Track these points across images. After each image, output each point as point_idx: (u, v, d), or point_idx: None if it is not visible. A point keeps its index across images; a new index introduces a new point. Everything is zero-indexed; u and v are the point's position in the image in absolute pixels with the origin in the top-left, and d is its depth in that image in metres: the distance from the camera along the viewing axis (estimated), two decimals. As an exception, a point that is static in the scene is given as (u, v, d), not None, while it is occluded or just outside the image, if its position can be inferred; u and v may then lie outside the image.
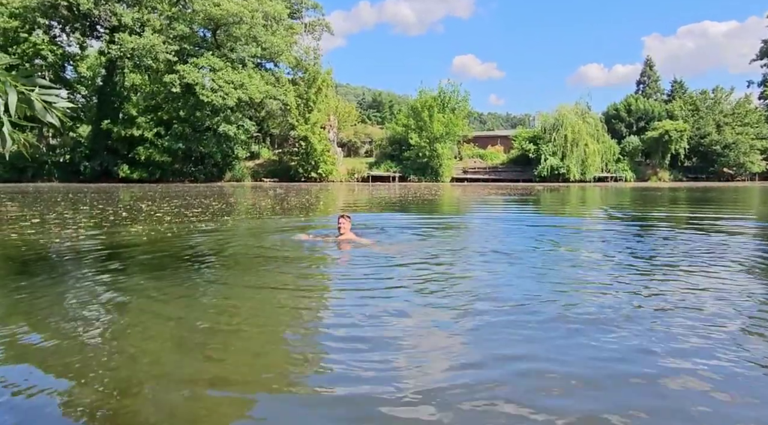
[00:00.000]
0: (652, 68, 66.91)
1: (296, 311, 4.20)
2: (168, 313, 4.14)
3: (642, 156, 57.73)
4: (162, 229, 9.74)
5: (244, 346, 3.38)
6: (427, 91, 52.01)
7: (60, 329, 3.76)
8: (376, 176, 50.33)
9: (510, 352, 3.25)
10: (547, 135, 51.73)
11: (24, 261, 6.51)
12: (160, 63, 41.45)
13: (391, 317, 3.94)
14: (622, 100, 60.41)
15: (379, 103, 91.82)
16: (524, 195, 25.68)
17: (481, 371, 2.95)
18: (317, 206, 18.40)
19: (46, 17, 41.74)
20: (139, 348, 3.38)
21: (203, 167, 45.11)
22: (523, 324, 3.79)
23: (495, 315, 3.99)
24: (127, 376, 2.92)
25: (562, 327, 3.72)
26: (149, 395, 2.72)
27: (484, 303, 4.31)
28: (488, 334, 3.58)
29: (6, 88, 3.56)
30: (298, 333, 3.71)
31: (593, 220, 13.14)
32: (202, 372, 2.99)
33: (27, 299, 4.61)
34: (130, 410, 2.56)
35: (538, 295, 4.63)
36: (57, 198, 19.79)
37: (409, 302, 4.37)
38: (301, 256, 6.74)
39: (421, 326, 3.79)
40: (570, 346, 3.34)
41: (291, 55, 47.26)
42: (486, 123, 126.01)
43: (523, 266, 6.12)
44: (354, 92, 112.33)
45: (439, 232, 9.94)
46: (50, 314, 4.12)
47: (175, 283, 5.17)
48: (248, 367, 3.07)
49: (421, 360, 3.11)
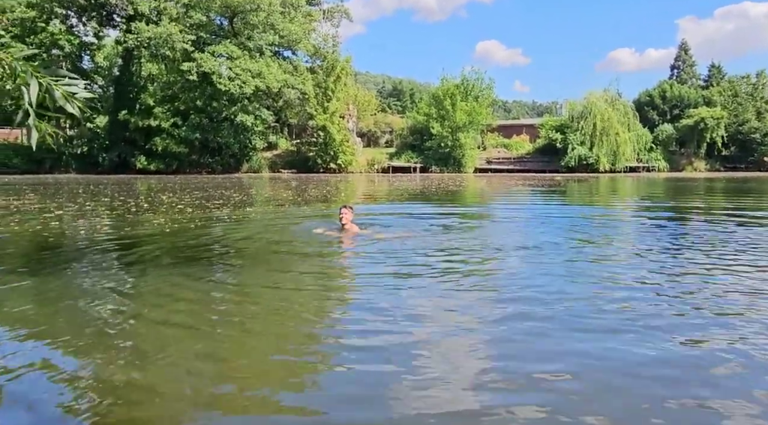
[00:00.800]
0: (687, 52, 65.47)
1: (310, 304, 4.28)
2: (187, 303, 4.27)
3: (676, 145, 56.68)
4: (185, 221, 9.99)
5: (257, 343, 3.43)
6: (449, 79, 51.78)
7: (80, 318, 3.91)
8: (396, 166, 50.36)
9: (536, 351, 3.18)
10: (575, 123, 51.11)
11: (50, 252, 6.78)
12: (176, 52, 41.98)
13: (405, 313, 3.95)
14: (656, 87, 59.32)
15: (399, 92, 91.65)
16: (551, 186, 25.50)
17: (504, 374, 2.89)
18: (338, 196, 18.58)
19: (62, 7, 42.56)
20: (157, 337, 3.51)
21: (220, 158, 45.66)
22: (551, 321, 3.73)
23: (521, 312, 3.94)
24: (143, 365, 3.03)
25: (591, 324, 3.65)
26: (164, 383, 2.81)
27: (511, 300, 4.28)
28: (513, 333, 3.52)
29: (28, 79, 3.71)
30: (313, 326, 3.79)
31: (625, 211, 13.05)
32: (215, 362, 3.09)
33: (53, 289, 4.81)
34: (144, 399, 2.65)
35: (566, 291, 4.60)
36: (78, 190, 20.35)
37: (424, 297, 4.40)
38: (312, 250, 6.81)
39: (441, 323, 3.77)
40: (597, 348, 3.24)
41: (309, 43, 47.41)
42: (511, 111, 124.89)
43: (548, 259, 6.16)
44: (374, 81, 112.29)
45: (461, 224, 10.01)
46: (72, 305, 4.28)
47: (197, 274, 5.33)
48: (262, 360, 3.16)
49: (444, 360, 3.07)
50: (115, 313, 3.98)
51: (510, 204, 15.24)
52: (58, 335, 3.54)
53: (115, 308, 4.10)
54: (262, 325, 3.79)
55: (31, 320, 3.93)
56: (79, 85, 3.96)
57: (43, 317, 4.03)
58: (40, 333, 3.61)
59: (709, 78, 63.21)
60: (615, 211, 13.36)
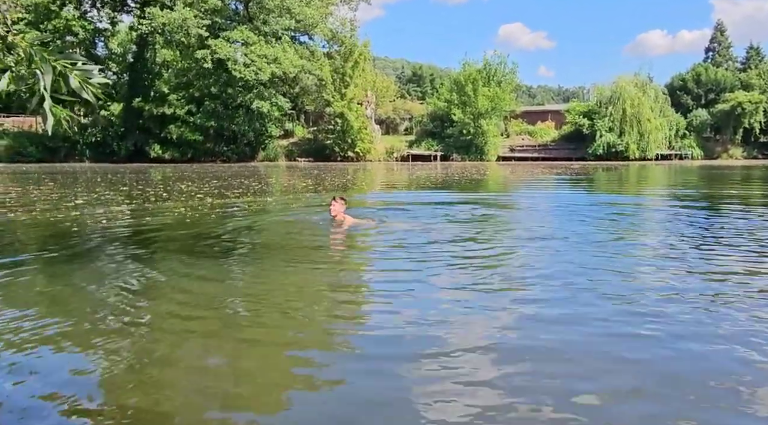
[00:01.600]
0: (723, 34, 64.03)
1: (320, 301, 4.30)
2: (205, 298, 4.35)
3: (711, 131, 55.67)
4: (205, 210, 10.22)
5: (270, 341, 3.46)
6: (471, 64, 51.43)
7: (97, 311, 3.99)
8: (416, 154, 50.33)
9: (556, 351, 3.10)
10: (603, 109, 50.47)
11: (71, 242, 6.99)
12: (191, 38, 42.35)
13: (422, 310, 3.91)
14: (689, 70, 58.22)
15: (419, 77, 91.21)
16: (578, 175, 25.32)
17: (524, 374, 2.84)
18: (358, 185, 18.73)
19: (76, -8, 43.17)
20: (170, 332, 3.59)
21: (235, 146, 46.12)
22: (573, 319, 3.67)
23: (543, 308, 3.89)
24: (159, 356, 3.12)
25: (618, 326, 3.56)
26: (175, 380, 2.86)
27: (533, 295, 4.24)
28: (534, 332, 3.46)
29: (42, 65, 3.82)
30: (324, 323, 3.79)
31: (656, 200, 12.96)
32: (227, 359, 3.14)
33: (72, 280, 4.95)
34: (160, 391, 2.73)
35: (590, 285, 4.55)
36: (96, 179, 20.80)
37: (434, 292, 4.37)
38: (303, 243, 6.81)
39: (456, 318, 3.73)
40: (624, 349, 3.14)
41: (326, 28, 47.43)
42: (535, 97, 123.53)
43: (570, 251, 6.16)
44: (393, 66, 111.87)
45: (482, 213, 10.06)
46: (89, 296, 4.39)
47: (215, 266, 5.44)
48: (276, 359, 3.18)
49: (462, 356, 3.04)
50: (131, 306, 4.08)
51: (534, 193, 15.22)
52: (71, 327, 3.64)
53: (131, 301, 4.20)
54: (274, 322, 3.79)
55: (47, 310, 4.04)
56: (94, 70, 4.06)
57: (59, 307, 4.14)
58: (55, 323, 3.71)
59: (747, 60, 61.78)
60: (647, 199, 13.27)
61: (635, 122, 49.60)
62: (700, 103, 55.90)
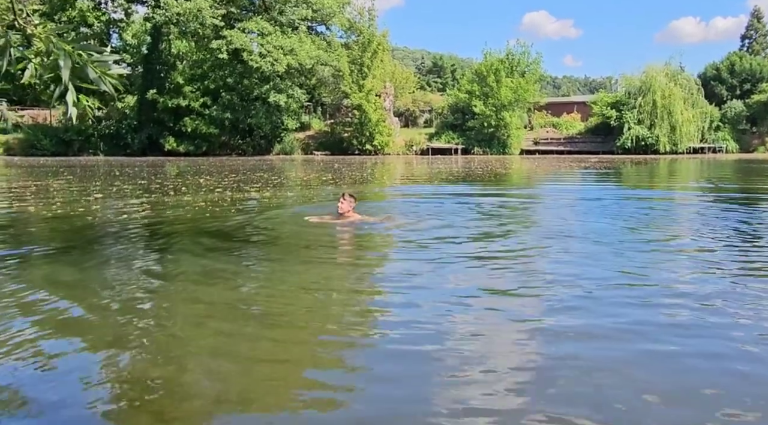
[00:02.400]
0: (760, 20, 62.68)
1: (333, 299, 4.37)
2: (221, 294, 4.45)
3: (746, 123, 54.60)
4: (225, 204, 10.42)
5: (285, 339, 3.53)
6: (493, 54, 51.10)
7: (113, 305, 4.13)
8: (436, 148, 50.23)
9: (583, 355, 3.08)
10: (632, 100, 49.83)
11: (92, 235, 7.24)
12: (206, 28, 42.74)
13: (439, 308, 3.95)
14: (724, 59, 57.10)
15: (439, 68, 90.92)
16: (606, 169, 25.12)
17: (548, 378, 2.83)
18: (379, 179, 18.84)
19: (91, -18, 43.84)
20: (186, 328, 3.69)
21: (251, 139, 46.49)
22: (598, 320, 3.65)
23: (567, 311, 3.85)
24: (176, 351, 3.22)
25: (647, 329, 3.50)
26: (189, 377, 2.93)
27: (558, 296, 4.20)
28: (559, 332, 3.44)
29: (61, 56, 3.94)
30: (339, 321, 3.86)
31: (689, 195, 12.87)
32: (250, 348, 3.25)
33: (92, 273, 5.12)
34: (177, 386, 2.81)
35: (617, 285, 4.55)
36: (114, 172, 21.22)
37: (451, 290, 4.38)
38: (315, 241, 6.76)
39: (474, 321, 3.76)
40: (656, 354, 3.12)
41: (344, 17, 47.52)
42: (560, 88, 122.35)
43: (597, 248, 6.20)
44: (412, 56, 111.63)
45: (504, 209, 10.11)
46: (107, 291, 4.52)
47: (234, 262, 5.58)
48: (293, 358, 3.24)
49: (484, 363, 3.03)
50: (147, 301, 4.21)
51: (560, 187, 15.18)
52: (87, 320, 3.79)
53: (148, 297, 4.32)
54: (291, 320, 3.85)
55: (64, 304, 4.14)
56: (110, 60, 4.18)
57: (76, 301, 4.24)
58: (72, 318, 3.84)
59: (786, 49, 60.47)
60: (681, 194, 13.18)
61: (666, 114, 48.89)
62: (735, 93, 54.87)
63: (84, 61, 4.08)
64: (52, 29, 4.19)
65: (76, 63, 4.03)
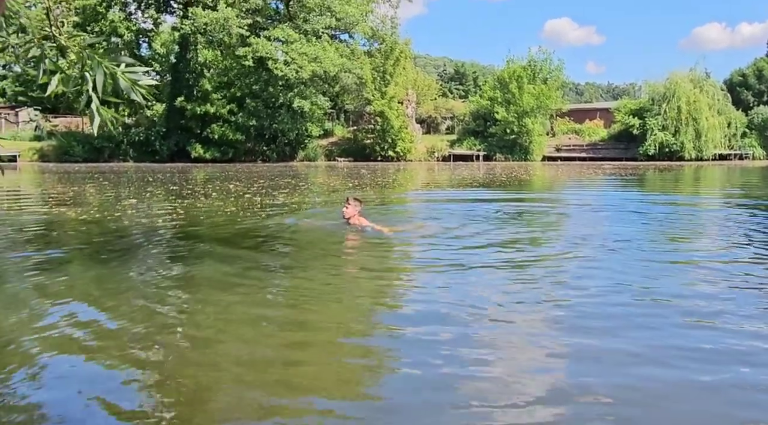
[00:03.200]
0: (789, 25, 61.47)
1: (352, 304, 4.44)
2: (250, 299, 4.58)
3: (774, 130, 53.58)
4: (256, 209, 10.69)
5: (316, 335, 3.64)
6: (515, 61, 51.01)
7: (144, 308, 4.29)
8: (457, 154, 50.25)
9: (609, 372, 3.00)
10: (656, 107, 49.27)
11: (128, 239, 7.52)
12: (232, 37, 43.48)
13: (459, 313, 3.97)
14: (750, 65, 56.26)
15: (461, 75, 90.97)
16: (631, 175, 24.94)
17: (571, 388, 2.82)
18: (405, 185, 19.01)
19: (122, -6, 44.99)
20: (212, 328, 3.84)
21: (275, 146, 47.05)
22: (622, 330, 3.61)
23: (588, 321, 3.84)
24: (200, 358, 3.28)
25: (669, 340, 3.45)
26: (215, 383, 2.98)
27: (581, 308, 4.15)
28: (581, 342, 3.41)
29: (94, 68, 4.11)
30: (361, 329, 3.92)
31: (716, 201, 12.79)
32: (276, 354, 3.32)
33: (124, 278, 5.32)
34: (201, 392, 2.86)
35: (641, 292, 4.53)
36: (147, 178, 21.74)
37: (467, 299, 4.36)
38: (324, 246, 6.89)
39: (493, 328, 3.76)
40: (676, 368, 3.03)
41: (367, 26, 47.91)
42: (583, 94, 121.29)
43: (621, 256, 6.24)
44: (434, 64, 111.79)
45: (527, 214, 10.19)
46: (140, 294, 4.69)
47: (263, 266, 5.78)
48: (313, 368, 3.27)
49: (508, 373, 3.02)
50: (177, 306, 4.36)
51: (585, 193, 15.18)
52: (118, 323, 3.93)
53: (178, 302, 4.48)
54: (311, 327, 3.89)
55: (96, 306, 4.30)
56: (141, 72, 4.35)
57: (110, 302, 4.43)
58: (103, 320, 4.00)
59: (815, 54, 59.21)
60: (713, 199, 13.11)
61: (691, 120, 48.23)
62: (762, 99, 53.93)
63: (114, 72, 4.21)
64: (84, 40, 4.33)
65: (108, 76, 4.18)
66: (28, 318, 4.09)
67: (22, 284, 5.06)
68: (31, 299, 4.56)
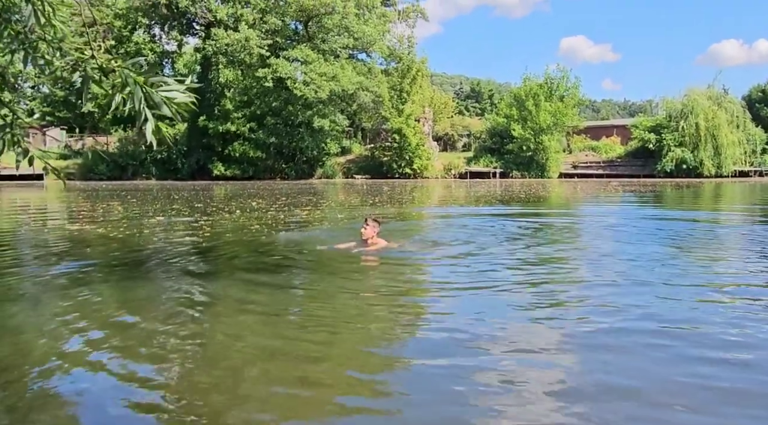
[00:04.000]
0: (807, 41, 60.99)
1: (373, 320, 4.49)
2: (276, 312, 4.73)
3: (795, 146, 52.95)
4: (281, 226, 10.89)
5: (333, 352, 3.69)
6: (532, 79, 51.20)
7: (172, 317, 4.47)
8: (474, 171, 50.33)
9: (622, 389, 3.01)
10: (674, 124, 48.99)
11: (157, 256, 7.63)
12: (253, 58, 44.31)
13: (478, 330, 4.03)
14: (769, 81, 55.74)
15: (477, 94, 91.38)
16: (649, 193, 24.79)
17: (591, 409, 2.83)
18: (425, 202, 19.12)
19: (147, 17, 46.16)
20: (237, 334, 3.97)
21: (294, 163, 47.61)
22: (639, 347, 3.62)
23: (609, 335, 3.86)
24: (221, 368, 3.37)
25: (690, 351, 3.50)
26: (239, 389, 3.07)
27: (600, 322, 4.18)
28: (600, 361, 3.43)
29: (134, 89, 4.27)
30: (385, 339, 4.00)
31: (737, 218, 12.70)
32: (295, 369, 3.38)
33: (153, 291, 5.52)
34: (227, 393, 2.97)
35: (661, 310, 4.52)
36: (172, 196, 22.13)
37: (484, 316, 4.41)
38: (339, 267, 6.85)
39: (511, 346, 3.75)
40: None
41: (384, 45, 48.53)
42: (599, 111, 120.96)
43: (639, 272, 6.26)
44: (450, 82, 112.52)
45: (545, 231, 10.23)
46: (168, 306, 4.87)
47: (285, 282, 5.92)
48: (340, 369, 3.40)
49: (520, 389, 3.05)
50: (204, 315, 4.54)
51: (602, 209, 15.15)
52: (145, 331, 4.09)
53: (205, 311, 4.67)
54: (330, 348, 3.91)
55: (123, 319, 4.48)
56: (178, 89, 4.52)
57: (138, 315, 4.56)
58: (131, 325, 4.18)
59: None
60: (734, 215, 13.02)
61: (709, 137, 47.84)
62: (782, 116, 53.41)
63: (151, 92, 4.38)
64: (127, 64, 4.51)
65: (146, 92, 4.34)
66: (60, 331, 4.23)
67: (56, 299, 5.26)
68: (63, 313, 4.71)
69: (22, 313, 4.82)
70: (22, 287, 5.77)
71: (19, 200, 21.12)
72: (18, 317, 4.68)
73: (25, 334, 4.25)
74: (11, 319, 4.61)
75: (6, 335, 4.18)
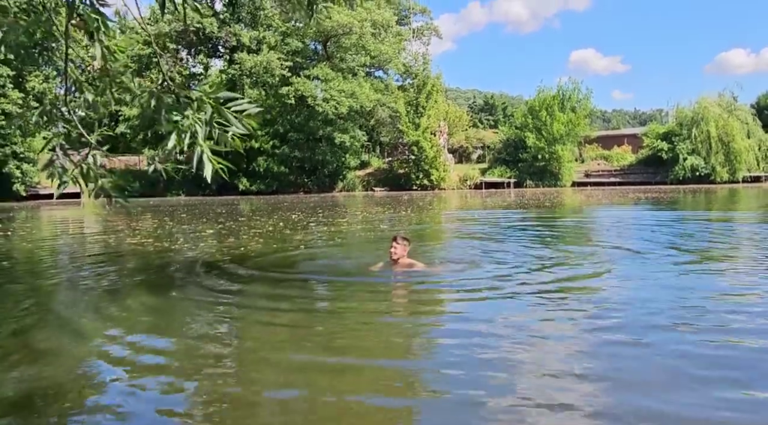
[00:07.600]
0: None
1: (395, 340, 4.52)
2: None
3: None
4: (322, 238, 11.17)
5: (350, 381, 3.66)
6: (545, 91, 51.31)
7: (202, 327, 4.67)
8: (489, 182, 50.39)
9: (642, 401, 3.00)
10: (685, 131, 48.66)
11: (206, 270, 7.80)
12: (275, 78, 45.10)
13: (503, 342, 4.06)
14: (778, 87, 55.08)
15: (491, 107, 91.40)
16: (663, 199, 24.73)
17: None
18: (440, 211, 19.33)
19: (174, 42, 47.21)
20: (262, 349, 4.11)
21: (315, 177, 48.15)
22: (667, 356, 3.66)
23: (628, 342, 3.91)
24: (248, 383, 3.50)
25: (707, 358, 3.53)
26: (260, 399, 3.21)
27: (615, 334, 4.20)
28: (623, 367, 3.48)
29: (219, 109, 4.41)
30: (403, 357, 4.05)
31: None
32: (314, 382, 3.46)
33: (195, 305, 5.75)
34: (251, 406, 3.08)
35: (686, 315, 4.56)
36: (216, 210, 22.50)
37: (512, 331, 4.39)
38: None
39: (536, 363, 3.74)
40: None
41: (400, 62, 49.11)
42: (610, 121, 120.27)
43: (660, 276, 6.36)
44: (464, 96, 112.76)
45: (565, 237, 10.35)
46: (208, 316, 5.09)
47: (316, 301, 6.06)
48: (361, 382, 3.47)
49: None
50: (237, 327, 4.73)
51: (618, 213, 15.22)
52: (173, 346, 4.27)
53: (239, 327, 4.82)
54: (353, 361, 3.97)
55: (159, 329, 4.72)
56: (245, 101, 4.62)
57: (172, 327, 4.79)
58: (162, 338, 4.38)
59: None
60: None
61: (721, 144, 47.45)
62: (792, 121, 52.75)
63: (223, 110, 4.52)
64: (205, 90, 4.68)
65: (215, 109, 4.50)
66: (99, 341, 4.52)
67: (93, 310, 5.59)
68: (103, 321, 5.02)
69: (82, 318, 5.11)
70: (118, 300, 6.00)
71: (69, 218, 21.56)
72: (78, 322, 4.97)
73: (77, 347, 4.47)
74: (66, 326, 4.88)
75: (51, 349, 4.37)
